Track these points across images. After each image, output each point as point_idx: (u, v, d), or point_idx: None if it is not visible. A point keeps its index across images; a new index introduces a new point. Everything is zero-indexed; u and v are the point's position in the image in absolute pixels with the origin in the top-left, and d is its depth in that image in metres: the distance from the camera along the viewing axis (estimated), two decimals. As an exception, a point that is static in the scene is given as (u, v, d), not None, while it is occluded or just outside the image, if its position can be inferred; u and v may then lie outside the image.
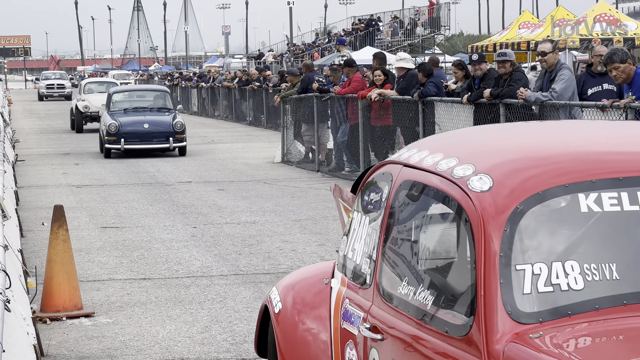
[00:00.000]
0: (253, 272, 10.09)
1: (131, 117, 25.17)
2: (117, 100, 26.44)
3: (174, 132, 24.55)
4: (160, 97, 27.05)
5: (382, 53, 19.68)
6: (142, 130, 24.65)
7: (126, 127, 24.58)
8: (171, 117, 25.30)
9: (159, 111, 26.03)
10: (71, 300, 8.37)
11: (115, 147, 24.38)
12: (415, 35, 57.60)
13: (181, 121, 24.96)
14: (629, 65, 10.45)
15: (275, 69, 47.52)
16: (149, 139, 24.65)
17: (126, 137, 24.37)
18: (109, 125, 24.50)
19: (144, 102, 26.72)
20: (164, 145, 24.58)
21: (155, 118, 25.34)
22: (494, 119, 13.26)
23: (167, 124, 24.87)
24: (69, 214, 9.64)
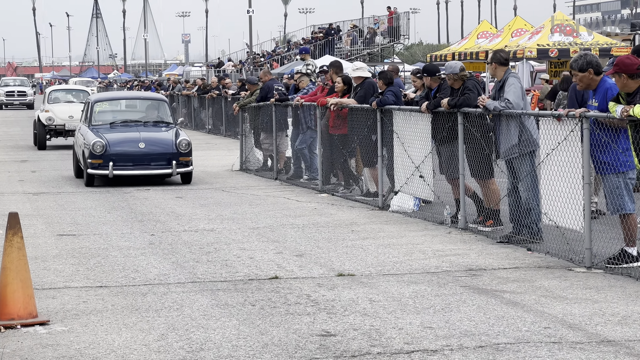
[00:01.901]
0: (211, 280, 10.06)
1: (122, 134, 19.62)
2: (101, 111, 20.75)
3: (178, 154, 19.12)
4: (156, 108, 21.06)
5: (338, 61, 19.72)
6: (136, 152, 19.13)
7: (116, 146, 19.07)
8: (173, 133, 19.73)
9: (155, 126, 20.34)
10: (26, 308, 8.30)
11: (101, 173, 18.92)
12: (375, 44, 57.79)
13: (187, 139, 19.40)
14: (588, 75, 10.53)
15: (234, 78, 47.44)
16: (145, 163, 19.14)
17: (116, 160, 18.94)
18: (93, 144, 18.88)
19: (136, 114, 21.07)
20: (165, 170, 19.11)
21: (153, 135, 19.69)
22: (452, 128, 13.33)
23: (168, 142, 19.32)
24: (25, 222, 9.57)
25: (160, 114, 20.81)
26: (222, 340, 7.71)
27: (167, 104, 21.23)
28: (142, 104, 21.57)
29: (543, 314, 8.42)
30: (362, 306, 8.78)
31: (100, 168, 18.90)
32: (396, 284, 9.76)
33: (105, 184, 19.12)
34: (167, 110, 20.90)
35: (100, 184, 19.23)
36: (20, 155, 27.54)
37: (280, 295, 9.26)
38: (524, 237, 11.82)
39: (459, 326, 8.03)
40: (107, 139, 19.15)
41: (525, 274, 10.17)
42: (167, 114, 20.81)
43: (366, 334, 7.84)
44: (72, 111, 29.90)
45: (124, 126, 20.16)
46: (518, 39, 29.70)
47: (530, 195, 11.70)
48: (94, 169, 18.94)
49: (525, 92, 12.46)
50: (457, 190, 13.48)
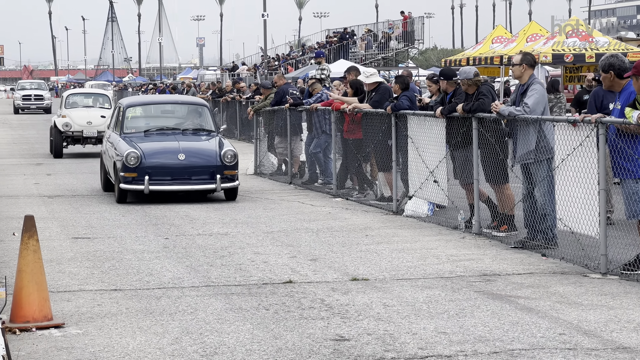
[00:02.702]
0: (224, 284, 10.07)
1: (158, 144, 17.33)
2: (134, 117, 18.40)
3: (223, 166, 16.88)
4: (197, 113, 18.76)
5: (355, 66, 19.73)
6: (175, 164, 16.83)
7: (152, 158, 16.84)
8: (216, 142, 17.45)
9: (195, 134, 18.07)
10: (41, 311, 8.32)
11: (136, 189, 16.71)
12: (389, 49, 57.76)
13: (232, 150, 17.13)
14: (609, 77, 10.55)
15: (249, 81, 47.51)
16: (185, 177, 16.86)
17: (152, 174, 16.69)
18: (127, 155, 16.67)
19: (173, 121, 18.71)
20: (208, 185, 16.87)
21: (193, 145, 17.39)
22: (466, 133, 13.32)
23: (212, 153, 17.08)
24: (40, 225, 9.60)
25: (201, 120, 18.47)
26: (236, 345, 7.72)
27: (208, 109, 18.76)
28: (181, 109, 19.10)
29: (558, 320, 8.39)
30: (376, 311, 8.78)
31: (134, 182, 16.64)
32: (410, 288, 9.75)
33: (139, 200, 17.03)
34: (209, 116, 18.53)
35: (133, 200, 16.97)
36: (36, 159, 27.62)
37: (294, 300, 9.26)
38: (538, 242, 11.79)
39: (473, 331, 8.01)
40: (142, 150, 16.81)
41: (540, 279, 10.15)
42: (209, 120, 18.45)
43: (380, 338, 7.84)
44: (91, 117, 28.31)
45: (161, 135, 17.80)
46: (533, 43, 29.63)
47: (546, 201, 11.67)
48: (127, 184, 16.65)
49: (547, 99, 12.37)
50: (471, 195, 13.47)
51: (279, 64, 62.18)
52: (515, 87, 12.77)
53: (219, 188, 16.81)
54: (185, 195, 17.19)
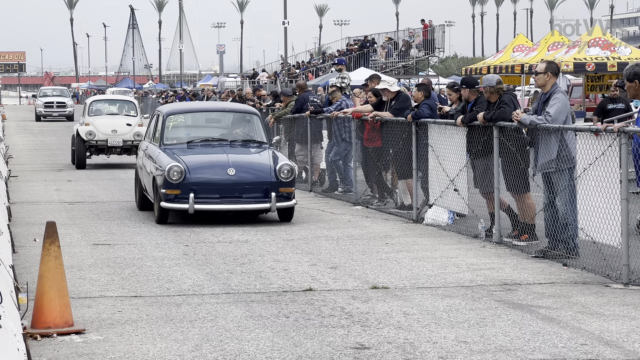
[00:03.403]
0: (245, 291, 10.07)
1: (204, 156, 15.51)
2: (175, 126, 16.55)
3: (278, 183, 14.96)
4: (246, 122, 16.77)
5: (377, 74, 19.73)
6: (224, 180, 14.90)
7: (198, 172, 14.98)
8: (269, 156, 15.56)
9: (245, 146, 16.16)
10: (62, 316, 8.34)
11: (179, 208, 14.84)
12: (410, 57, 57.75)
13: (289, 164, 15.27)
14: (634, 85, 10.53)
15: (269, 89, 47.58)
16: (235, 195, 14.91)
17: (198, 191, 14.84)
18: (169, 169, 14.79)
19: (219, 131, 16.84)
20: (262, 205, 14.91)
21: (244, 158, 15.47)
22: (487, 141, 13.29)
23: (265, 168, 15.14)
24: (61, 231, 9.63)
25: (251, 130, 16.51)
26: (256, 352, 7.72)
27: (259, 118, 16.72)
28: (228, 117, 17.10)
29: (579, 330, 8.35)
30: (396, 319, 8.76)
31: (177, 201, 14.77)
32: (430, 297, 9.73)
33: (181, 221, 15.27)
34: (260, 126, 16.52)
35: (176, 220, 15.19)
36: (57, 165, 27.72)
37: (315, 308, 9.25)
38: (559, 252, 11.74)
39: (494, 341, 7.98)
40: (185, 163, 14.94)
41: (561, 289, 10.11)
42: (260, 130, 16.48)
43: (400, 347, 7.82)
44: (116, 125, 26.96)
45: (206, 146, 15.95)
46: (554, 52, 29.56)
47: (568, 210, 11.62)
48: (168, 202, 14.77)
49: (570, 109, 12.34)
50: (491, 204, 13.43)
51: (300, 71, 62.26)
52: (537, 96, 12.72)
53: (274, 208, 14.81)
54: (234, 215, 15.37)
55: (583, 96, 31.38)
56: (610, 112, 20.98)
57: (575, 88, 35.25)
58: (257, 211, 15.18)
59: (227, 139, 16.25)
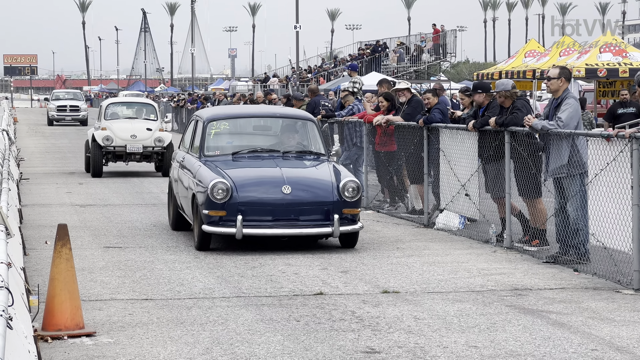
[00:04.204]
0: (255, 295, 10.08)
1: (254, 171, 13.31)
2: (217, 134, 14.21)
3: (342, 203, 12.72)
4: (301, 130, 14.42)
5: (387, 79, 19.73)
6: (278, 200, 12.63)
7: (247, 190, 12.72)
8: (330, 170, 13.29)
9: (300, 158, 13.89)
10: (73, 319, 8.37)
11: (224, 232, 12.64)
12: (421, 62, 57.75)
13: (354, 181, 12.96)
14: None
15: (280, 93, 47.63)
16: (291, 217, 12.63)
17: (247, 212, 12.58)
18: (213, 186, 12.56)
19: (270, 139, 14.43)
20: (322, 229, 12.64)
21: (301, 173, 13.31)
22: (498, 147, 13.28)
23: (326, 185, 12.87)
24: (72, 233, 9.65)
25: (307, 139, 14.20)
26: (267, 356, 7.72)
27: (315, 125, 14.37)
28: (279, 124, 14.63)
29: (590, 335, 8.34)
30: (406, 324, 8.76)
31: (222, 224, 12.57)
32: (441, 302, 9.73)
33: (225, 246, 13.13)
34: (317, 134, 14.20)
35: (219, 246, 13.10)
36: (69, 168, 27.79)
37: (325, 312, 9.26)
38: (570, 257, 11.72)
39: (504, 346, 7.98)
40: (232, 179, 12.72)
41: (572, 295, 10.09)
42: (317, 139, 14.15)
43: (411, 351, 7.82)
44: (135, 129, 24.95)
45: (255, 158, 13.67)
46: (566, 58, 29.53)
47: (579, 216, 11.61)
48: (212, 225, 12.59)
49: (581, 114, 12.32)
50: (502, 209, 13.42)
51: (311, 75, 62.32)
52: (548, 101, 12.70)
53: (337, 232, 12.57)
54: (289, 240, 13.14)
55: (595, 102, 31.32)
56: (620, 117, 20.91)
57: (586, 94, 35.19)
58: (316, 236, 12.95)
59: (278, 150, 13.87)
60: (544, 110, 12.76)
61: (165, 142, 24.93)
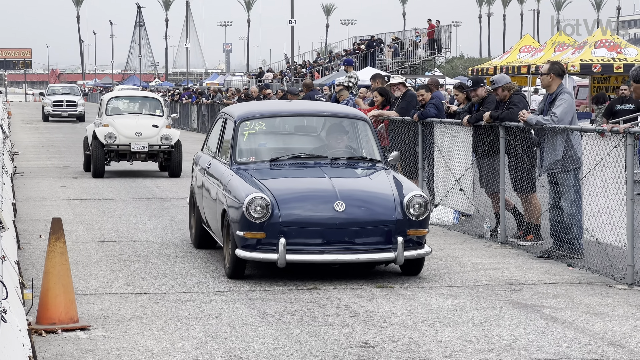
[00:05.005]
0: (249, 289, 10.09)
1: (298, 182, 11.08)
2: (252, 136, 11.86)
3: (406, 222, 10.44)
4: (351, 131, 11.97)
5: (380, 74, 19.73)
6: (330, 218, 10.32)
7: (291, 207, 10.41)
8: (390, 182, 10.93)
9: (352, 165, 11.53)
10: (67, 313, 8.37)
11: (264, 258, 10.29)
12: (416, 57, 57.77)
13: (422, 195, 10.63)
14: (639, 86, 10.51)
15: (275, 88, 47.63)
16: (345, 240, 10.32)
17: (291, 234, 10.28)
18: (250, 202, 10.26)
19: (313, 142, 11.99)
20: (382, 254, 10.35)
21: (355, 185, 11.05)
22: (493, 142, 13.29)
23: (387, 201, 10.54)
24: (66, 227, 9.65)
25: (359, 142, 11.90)
26: (261, 350, 7.73)
27: (369, 125, 11.97)
28: (325, 124, 12.10)
29: (584, 330, 8.36)
30: (400, 318, 8.77)
31: (260, 248, 10.29)
32: (435, 296, 9.74)
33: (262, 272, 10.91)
34: (371, 136, 11.85)
35: (255, 272, 10.93)
36: (63, 162, 27.76)
37: (319, 306, 9.27)
38: (564, 252, 11.75)
39: (498, 340, 7.99)
40: (272, 193, 10.43)
41: (566, 289, 10.11)
42: (371, 142, 11.83)
43: (405, 346, 7.83)
44: (140, 126, 22.89)
45: (298, 166, 11.34)
46: (561, 53, 29.57)
47: (573, 211, 11.63)
48: (247, 249, 10.31)
49: (575, 109, 12.35)
50: (497, 204, 13.44)
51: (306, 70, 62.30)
52: (543, 97, 12.72)
53: (401, 258, 10.33)
54: (342, 268, 10.96)
55: (589, 97, 31.37)
56: (618, 113, 20.90)
57: (581, 89, 35.25)
58: (376, 263, 10.77)
59: (325, 155, 11.50)
60: (539, 105, 12.78)
61: (173, 140, 22.80)
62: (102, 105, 23.76)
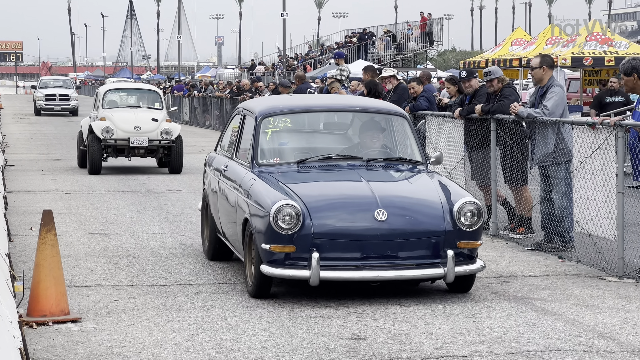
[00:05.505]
0: (241, 282, 10.09)
1: (331, 186, 9.69)
2: (275, 134, 10.44)
3: (456, 233, 9.23)
4: (388, 129, 10.59)
5: (372, 66, 19.73)
6: (369, 229, 9.05)
7: (325, 216, 9.13)
8: (437, 186, 9.69)
9: (390, 168, 10.19)
10: (58, 305, 8.36)
11: (294, 276, 9.03)
12: (408, 50, 57.79)
13: (474, 203, 9.34)
14: (632, 79, 10.47)
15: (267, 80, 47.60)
16: (388, 254, 9.08)
17: (325, 247, 9.02)
18: (277, 210, 8.96)
19: (345, 142, 10.60)
20: (430, 270, 9.12)
21: (397, 190, 9.76)
22: (484, 134, 13.31)
23: (434, 209, 9.30)
24: (57, 220, 9.64)
25: (396, 141, 10.58)
26: (252, 342, 7.74)
27: (407, 122, 10.60)
28: (358, 120, 10.69)
29: (574, 322, 8.39)
30: (392, 310, 8.78)
31: (289, 263, 9.03)
32: (426, 288, 9.74)
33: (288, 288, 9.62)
34: (410, 135, 10.51)
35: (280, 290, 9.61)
36: (54, 154, 27.72)
37: (311, 298, 9.27)
38: (555, 245, 11.77)
39: (489, 332, 8.01)
40: (303, 200, 9.16)
41: (557, 282, 10.13)
42: (411, 141, 10.50)
43: (396, 338, 7.85)
44: (139, 120, 21.98)
45: (329, 169, 9.96)
46: (552, 46, 29.58)
47: (564, 203, 11.66)
48: (275, 265, 9.05)
49: (566, 102, 12.36)
50: (488, 197, 13.45)
51: (298, 63, 62.27)
52: (534, 89, 12.72)
53: (451, 275, 9.11)
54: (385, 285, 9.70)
55: (580, 90, 31.40)
56: (608, 105, 20.92)
57: (572, 82, 35.28)
58: (422, 279, 9.45)
59: (360, 156, 10.16)
60: (530, 98, 12.78)
61: (174, 135, 21.82)
62: (98, 98, 22.80)
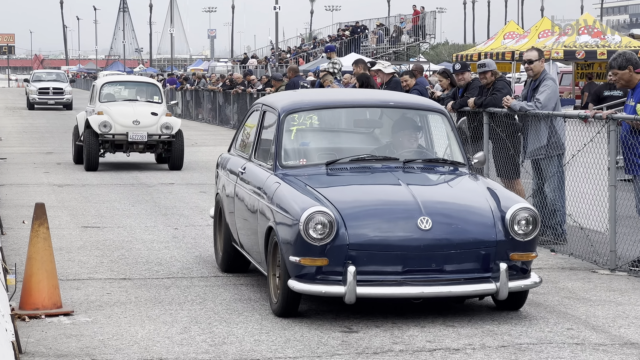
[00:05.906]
0: (233, 274, 10.09)
1: (366, 191, 8.63)
2: (301, 133, 9.23)
3: (509, 243, 8.12)
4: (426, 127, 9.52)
5: (362, 59, 19.72)
6: (411, 239, 7.97)
7: (361, 224, 8.03)
8: (484, 190, 8.59)
9: (430, 170, 9.11)
10: (50, 298, 8.36)
11: (326, 292, 7.97)
12: (400, 43, 57.79)
13: (529, 209, 8.23)
14: (627, 72, 10.44)
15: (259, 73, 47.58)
16: (432, 267, 8.02)
17: (361, 260, 7.93)
18: (308, 218, 7.85)
19: (378, 141, 9.45)
20: (480, 286, 8.05)
21: (441, 196, 8.65)
22: (477, 128, 13.31)
23: (484, 216, 8.18)
24: (50, 213, 9.63)
25: (431, 141, 9.51)
26: (245, 335, 7.74)
27: (447, 119, 9.49)
28: (391, 117, 9.60)
29: (566, 315, 8.40)
30: (384, 303, 8.78)
31: (321, 278, 8.03)
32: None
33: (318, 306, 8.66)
34: (451, 134, 9.39)
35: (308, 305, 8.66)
36: (46, 147, 27.68)
37: (303, 291, 9.26)
38: (547, 238, 11.79)
39: (481, 325, 8.02)
40: (336, 206, 8.13)
41: (549, 275, 10.15)
42: (452, 140, 9.37)
43: (388, 331, 7.85)
44: (138, 114, 21.07)
45: (363, 171, 8.88)
46: (545, 40, 29.58)
47: (556, 197, 11.67)
48: (305, 280, 8.04)
49: (559, 95, 12.37)
50: (481, 190, 13.45)
51: (290, 56, 62.23)
52: (527, 83, 12.71)
53: (504, 291, 8.09)
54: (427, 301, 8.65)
55: (573, 84, 31.44)
56: (606, 99, 20.86)
57: (565, 75, 35.31)
58: (470, 297, 8.46)
59: (396, 157, 9.05)
60: (522, 91, 12.79)
61: (174, 129, 20.96)
62: (95, 91, 21.97)
